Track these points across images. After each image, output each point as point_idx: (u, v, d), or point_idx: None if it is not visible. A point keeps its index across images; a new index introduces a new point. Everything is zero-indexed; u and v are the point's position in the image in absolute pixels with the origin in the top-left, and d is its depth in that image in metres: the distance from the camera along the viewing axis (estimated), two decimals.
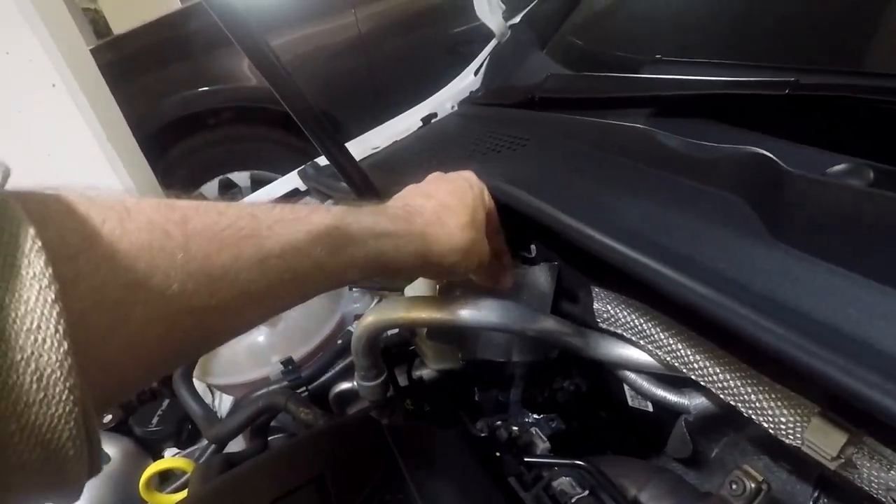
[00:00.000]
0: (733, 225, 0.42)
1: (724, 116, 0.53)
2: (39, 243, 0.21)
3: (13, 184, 0.25)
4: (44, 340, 0.20)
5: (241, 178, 2.36)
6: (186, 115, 2.20)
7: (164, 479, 0.72)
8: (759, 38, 0.63)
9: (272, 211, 0.34)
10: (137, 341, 0.26)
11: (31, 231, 0.21)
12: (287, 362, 0.72)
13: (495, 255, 0.58)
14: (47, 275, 0.21)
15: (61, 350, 0.21)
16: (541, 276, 0.61)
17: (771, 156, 0.40)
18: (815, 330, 0.32)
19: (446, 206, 0.46)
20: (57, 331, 0.20)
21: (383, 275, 0.42)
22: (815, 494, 0.50)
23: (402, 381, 0.74)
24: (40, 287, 0.20)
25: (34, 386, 0.20)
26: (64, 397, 0.21)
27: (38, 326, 0.20)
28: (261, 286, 0.32)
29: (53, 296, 0.21)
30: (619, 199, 0.51)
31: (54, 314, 0.21)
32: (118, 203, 0.27)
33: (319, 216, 0.36)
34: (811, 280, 0.35)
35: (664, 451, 0.64)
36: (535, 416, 0.67)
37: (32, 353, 0.20)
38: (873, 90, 0.40)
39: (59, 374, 0.20)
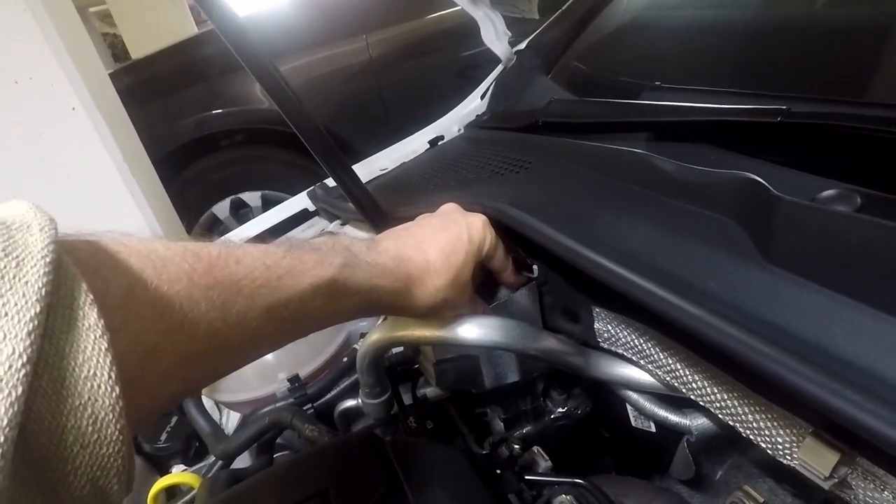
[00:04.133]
0: (726, 247, 0.43)
1: (721, 142, 0.54)
2: (91, 297, 0.23)
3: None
4: (98, 386, 0.22)
5: (252, 197, 2.40)
6: (201, 136, 2.25)
7: (172, 496, 0.73)
8: (756, 68, 0.65)
9: (282, 261, 0.37)
10: (164, 380, 0.29)
11: (84, 285, 0.23)
12: (293, 379, 0.73)
13: (498, 274, 0.60)
14: (100, 325, 0.23)
15: (114, 395, 0.22)
16: (524, 300, 0.62)
17: (762, 181, 0.41)
18: (801, 349, 0.33)
19: (431, 265, 0.49)
20: (110, 377, 0.22)
21: (365, 316, 0.46)
22: None
23: (408, 399, 0.75)
24: (95, 337, 0.22)
25: (90, 429, 0.21)
26: (115, 438, 0.22)
27: (94, 374, 0.22)
28: (267, 330, 0.35)
29: (106, 345, 0.22)
30: (617, 221, 0.52)
31: (107, 362, 0.22)
32: (153, 252, 0.29)
33: (322, 269, 0.40)
34: (799, 301, 0.36)
35: (668, 473, 0.64)
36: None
37: (89, 398, 0.21)
38: (859, 119, 0.42)
39: (111, 416, 0.22)
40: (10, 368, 0.19)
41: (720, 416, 0.48)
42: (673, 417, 0.60)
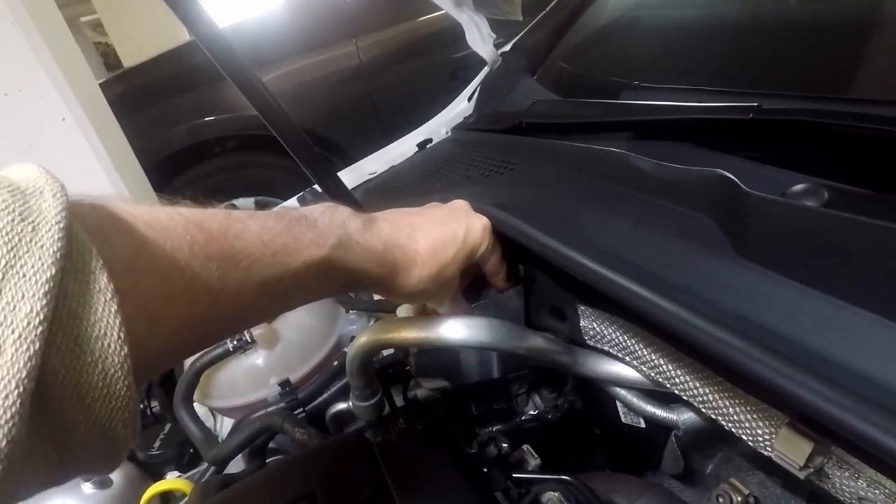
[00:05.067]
0: (702, 243, 0.44)
1: (698, 139, 0.55)
2: (101, 261, 0.24)
3: None
4: (109, 346, 0.23)
5: (246, 203, 2.39)
6: (193, 143, 2.25)
7: (165, 502, 0.73)
8: (734, 66, 0.66)
9: (279, 238, 0.38)
10: (166, 343, 0.30)
11: (95, 251, 0.24)
12: (284, 384, 0.74)
13: (490, 277, 0.61)
14: (110, 289, 0.24)
15: (122, 353, 0.24)
16: (509, 300, 0.63)
17: (733, 177, 0.42)
18: (771, 342, 0.34)
19: (418, 256, 0.50)
20: (119, 337, 0.24)
21: (350, 292, 0.48)
22: None
23: (399, 401, 0.75)
24: (105, 300, 0.24)
25: (100, 384, 0.23)
26: (122, 393, 0.24)
27: (105, 333, 0.23)
28: (261, 302, 0.37)
29: (116, 307, 0.24)
30: (597, 219, 0.53)
31: (117, 323, 0.24)
32: (157, 221, 0.31)
33: (317, 248, 0.41)
34: (770, 294, 0.37)
35: (660, 468, 0.65)
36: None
37: (100, 356, 0.23)
38: (827, 114, 0.42)
39: (119, 373, 0.24)
40: (28, 325, 0.20)
41: (703, 409, 0.48)
42: (660, 413, 0.61)
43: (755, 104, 0.47)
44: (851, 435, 0.29)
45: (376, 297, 0.73)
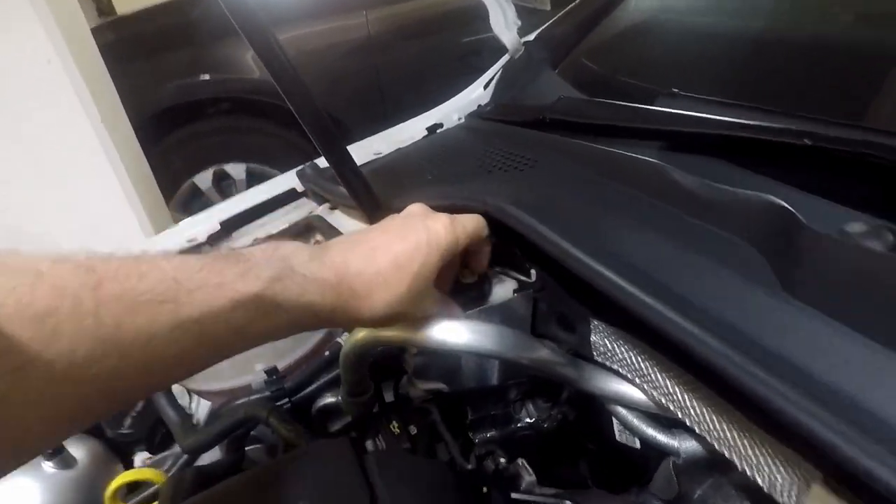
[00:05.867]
0: (743, 273, 0.41)
1: (739, 159, 0.52)
2: None
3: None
4: None
5: (236, 170, 2.33)
6: (185, 102, 2.18)
7: (133, 488, 0.69)
8: (779, 84, 0.63)
9: (197, 274, 0.34)
10: (40, 402, 0.27)
11: None
12: (271, 371, 0.70)
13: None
14: None
15: None
16: (517, 306, 0.60)
17: (790, 208, 0.39)
18: (820, 392, 0.31)
19: (381, 276, 0.45)
20: None
21: (303, 331, 0.43)
22: None
23: (389, 396, 0.72)
24: None
25: None
26: None
27: None
28: (174, 350, 0.33)
29: None
30: (625, 231, 0.50)
31: None
32: (33, 269, 0.28)
33: (245, 283, 0.36)
34: (824, 340, 0.34)
35: (646, 488, 0.63)
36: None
37: None
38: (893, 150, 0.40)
39: None
40: None
41: (716, 445, 0.46)
42: (662, 438, 0.58)
43: (810, 130, 0.44)
44: None
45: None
